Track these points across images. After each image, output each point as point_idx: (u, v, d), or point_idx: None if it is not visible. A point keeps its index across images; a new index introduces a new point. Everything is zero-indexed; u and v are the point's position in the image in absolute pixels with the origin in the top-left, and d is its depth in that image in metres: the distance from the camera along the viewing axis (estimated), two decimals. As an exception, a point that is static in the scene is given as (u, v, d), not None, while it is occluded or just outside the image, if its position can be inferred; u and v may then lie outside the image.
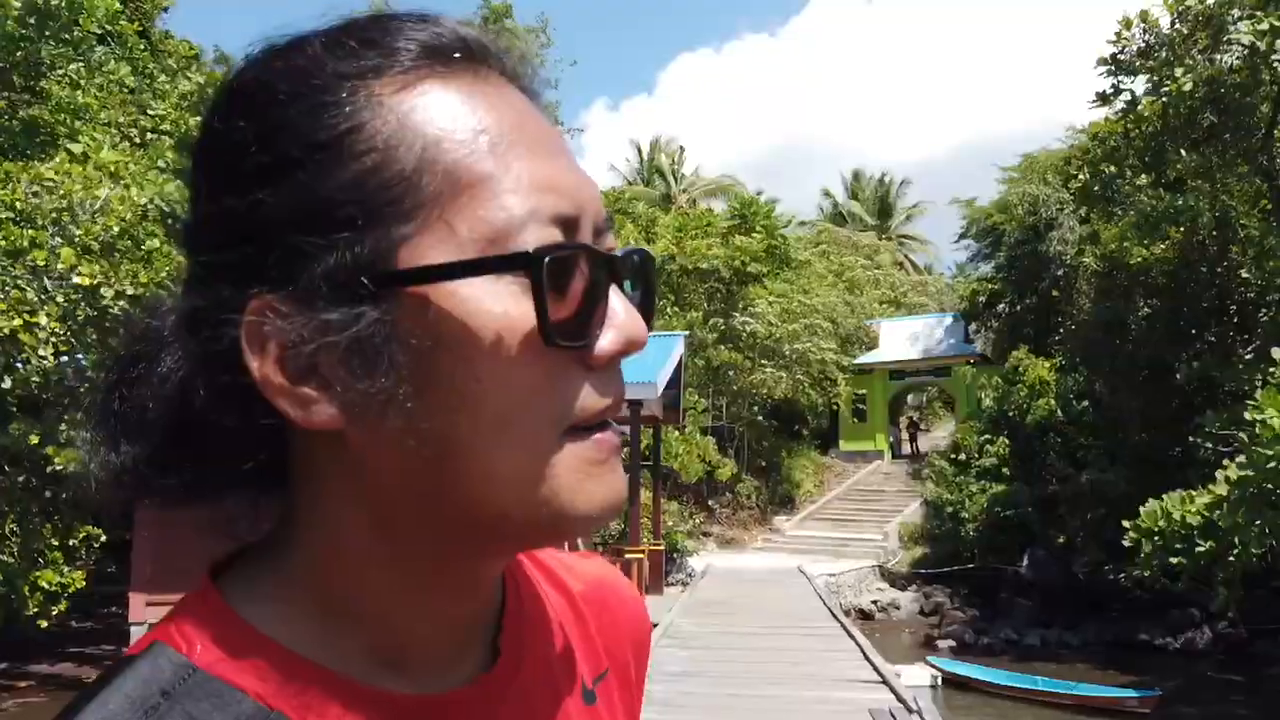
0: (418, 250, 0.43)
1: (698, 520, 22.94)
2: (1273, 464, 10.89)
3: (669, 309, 25.15)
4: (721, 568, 19.18)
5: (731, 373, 24.47)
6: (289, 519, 0.49)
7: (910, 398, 34.73)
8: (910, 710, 7.42)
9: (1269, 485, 11.02)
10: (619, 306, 0.46)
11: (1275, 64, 15.08)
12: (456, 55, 0.47)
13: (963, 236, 28.34)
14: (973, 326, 28.25)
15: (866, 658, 9.94)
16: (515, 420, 0.44)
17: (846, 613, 18.53)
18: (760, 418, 25.58)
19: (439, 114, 0.45)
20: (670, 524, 20.21)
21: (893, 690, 8.32)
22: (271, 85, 0.45)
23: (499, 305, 0.43)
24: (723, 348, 24.16)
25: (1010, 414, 20.69)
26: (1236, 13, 15.99)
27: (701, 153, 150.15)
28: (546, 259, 0.43)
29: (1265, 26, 15.23)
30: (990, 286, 26.48)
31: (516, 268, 0.43)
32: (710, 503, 23.84)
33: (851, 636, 11.20)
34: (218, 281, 0.45)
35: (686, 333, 17.58)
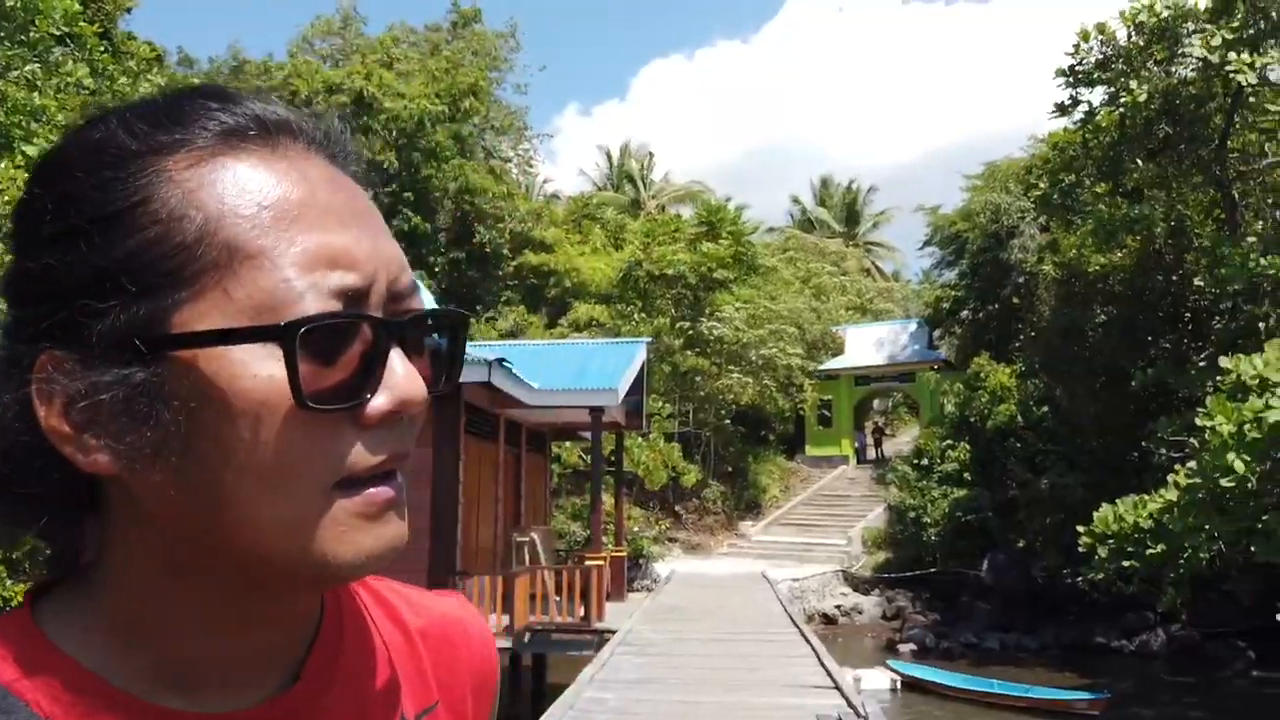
0: (190, 316, 0.46)
1: (664, 526, 22.99)
2: (1220, 469, 11.11)
3: (636, 315, 25.21)
4: (686, 573, 19.23)
5: (698, 378, 24.56)
6: (100, 549, 0.53)
7: (876, 403, 35.03)
8: (859, 715, 7.49)
9: (1217, 490, 11.23)
10: (398, 368, 0.50)
11: (1228, 76, 15.37)
12: (252, 132, 0.50)
13: (927, 243, 28.70)
14: (937, 333, 28.57)
15: (821, 663, 10.00)
16: (279, 475, 0.47)
17: (810, 617, 18.67)
18: (727, 423, 25.69)
19: (225, 189, 0.48)
20: (636, 530, 20.25)
21: (844, 695, 8.39)
22: (70, 159, 0.50)
23: (264, 370, 0.46)
24: (689, 354, 24.25)
25: (972, 419, 20.93)
26: (1190, 26, 16.30)
27: (672, 159, 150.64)
28: (302, 329, 0.46)
29: (1217, 40, 15.55)
30: (954, 293, 26.81)
31: (272, 338, 0.46)
32: (677, 508, 23.90)
33: (808, 642, 11.26)
34: (20, 334, 0.49)
35: (650, 339, 17.63)
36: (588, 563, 12.53)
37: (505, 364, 11.74)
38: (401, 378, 0.49)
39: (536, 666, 13.97)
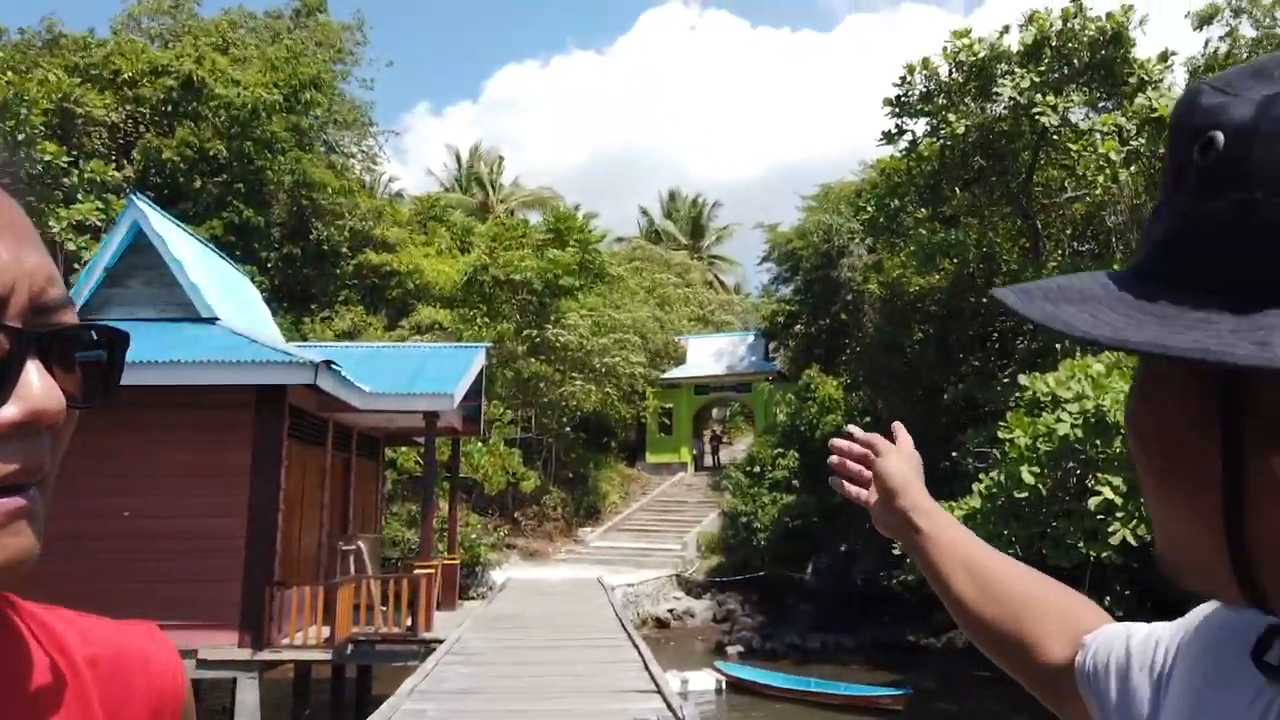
0: None
1: (502, 533, 22.79)
2: (1015, 479, 12.04)
3: (479, 319, 24.91)
4: (522, 580, 19.12)
5: (542, 385, 24.52)
6: None
7: (714, 412, 35.98)
8: (677, 718, 7.67)
9: (1014, 498, 12.16)
10: (34, 379, 0.49)
11: (1034, 116, 16.68)
12: None
13: (765, 259, 29.78)
14: (772, 345, 29.66)
15: (646, 668, 10.17)
16: None
17: (644, 622, 18.93)
18: (569, 430, 25.75)
19: None
20: (474, 537, 19.97)
21: (664, 699, 8.57)
22: None
23: None
24: (533, 360, 24.17)
25: (802, 429, 21.83)
26: (1003, 67, 17.63)
27: (522, 163, 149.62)
28: None
29: (1026, 83, 16.88)
30: (788, 308, 27.91)
31: None
32: (516, 515, 23.74)
33: (636, 647, 11.42)
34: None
35: (492, 344, 17.46)
36: (417, 571, 12.26)
37: (333, 366, 11.36)
38: (36, 389, 0.49)
39: (361, 678, 13.57)
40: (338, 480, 14.16)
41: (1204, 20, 23.57)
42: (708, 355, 30.24)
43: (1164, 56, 18.10)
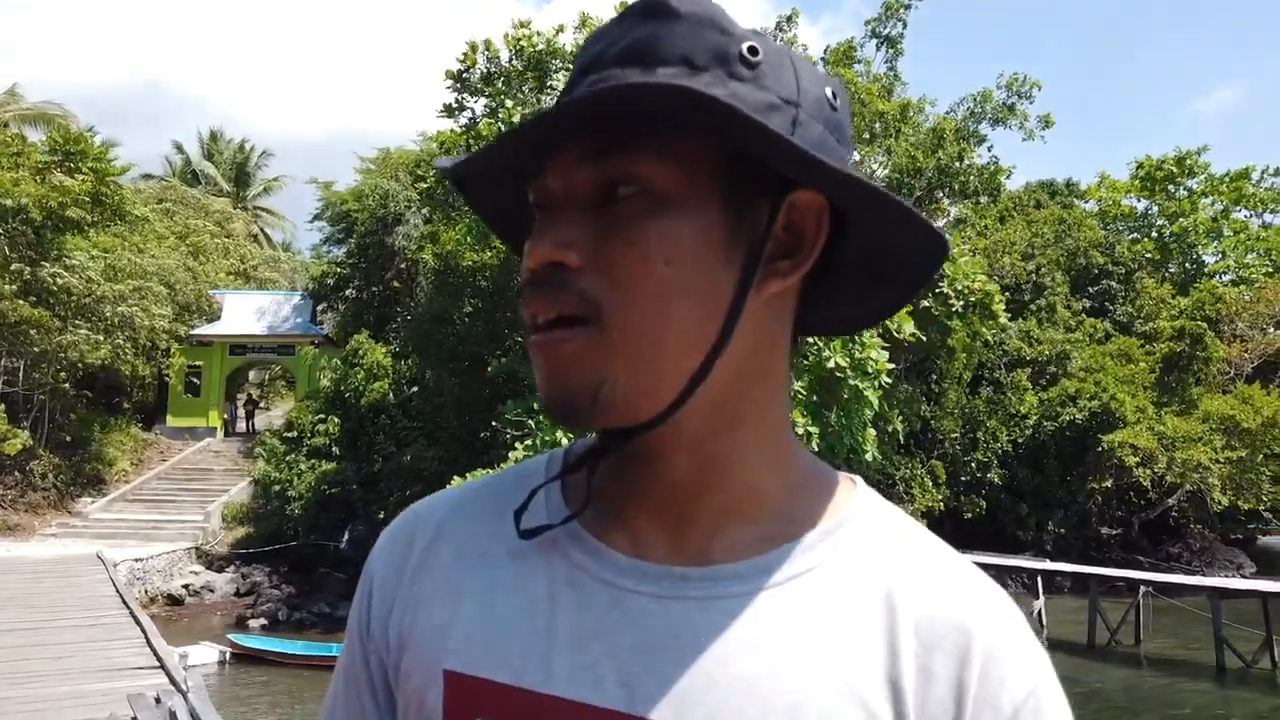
0: None
1: (-30, 505, 19.11)
2: (546, 446, 13.05)
3: (-51, 248, 20.54)
4: (-5, 559, 16.23)
5: (34, 332, 20.88)
6: None
7: (252, 374, 33.58)
8: (180, 691, 7.15)
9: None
10: None
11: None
12: None
13: (318, 218, 28.38)
14: (321, 307, 28.48)
15: (149, 644, 9.31)
16: None
17: (153, 599, 17.20)
18: (68, 386, 22.28)
19: None
20: (-74, 510, 16.44)
21: (168, 674, 7.95)
22: None
23: None
24: (22, 301, 20.51)
25: (347, 395, 21.32)
26: (558, 63, 18.82)
27: (23, 69, 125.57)
28: None
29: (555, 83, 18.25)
30: (340, 270, 26.99)
31: None
32: (-9, 483, 20.01)
33: (138, 623, 10.39)
34: None
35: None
36: None
37: None
38: None
39: None
40: None
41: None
42: (248, 313, 28.05)
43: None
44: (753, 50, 0.60)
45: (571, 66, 0.65)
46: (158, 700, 6.90)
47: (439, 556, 0.69)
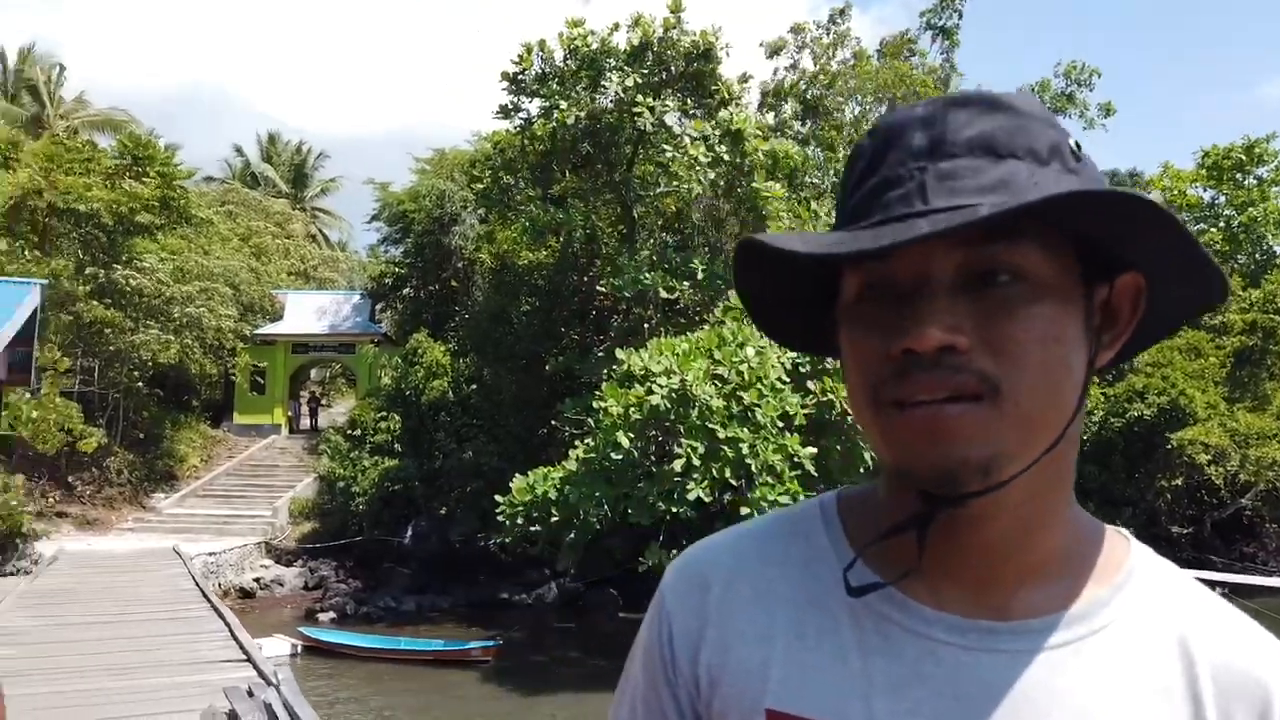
0: None
1: (52, 499, 19.78)
2: (611, 445, 13.06)
3: (27, 252, 21.27)
4: (78, 552, 16.82)
5: (108, 332, 21.57)
6: None
7: (314, 372, 34.26)
8: (270, 684, 7.39)
9: (606, 463, 13.21)
10: None
11: (635, 114, 18.05)
12: None
13: (375, 218, 28.84)
14: (379, 306, 28.97)
15: (234, 637, 9.62)
16: None
17: (226, 593, 17.67)
18: (141, 385, 22.97)
19: None
20: (13, 503, 17.05)
21: (255, 667, 8.21)
22: None
23: None
24: (97, 303, 21.19)
25: (407, 393, 21.67)
26: (611, 62, 18.85)
27: (91, 76, 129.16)
28: None
29: (630, 82, 18.25)
30: (397, 270, 27.42)
31: None
32: (70, 479, 20.71)
33: (221, 616, 10.73)
34: None
35: (44, 282, 15.03)
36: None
37: None
38: None
39: None
40: None
41: (774, 51, 27.23)
42: (309, 312, 28.64)
43: (743, 78, 20.62)
44: (1078, 145, 0.67)
45: (625, 67, 0.68)
46: (250, 693, 7.14)
47: (738, 599, 0.74)
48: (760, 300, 0.76)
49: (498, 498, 13.83)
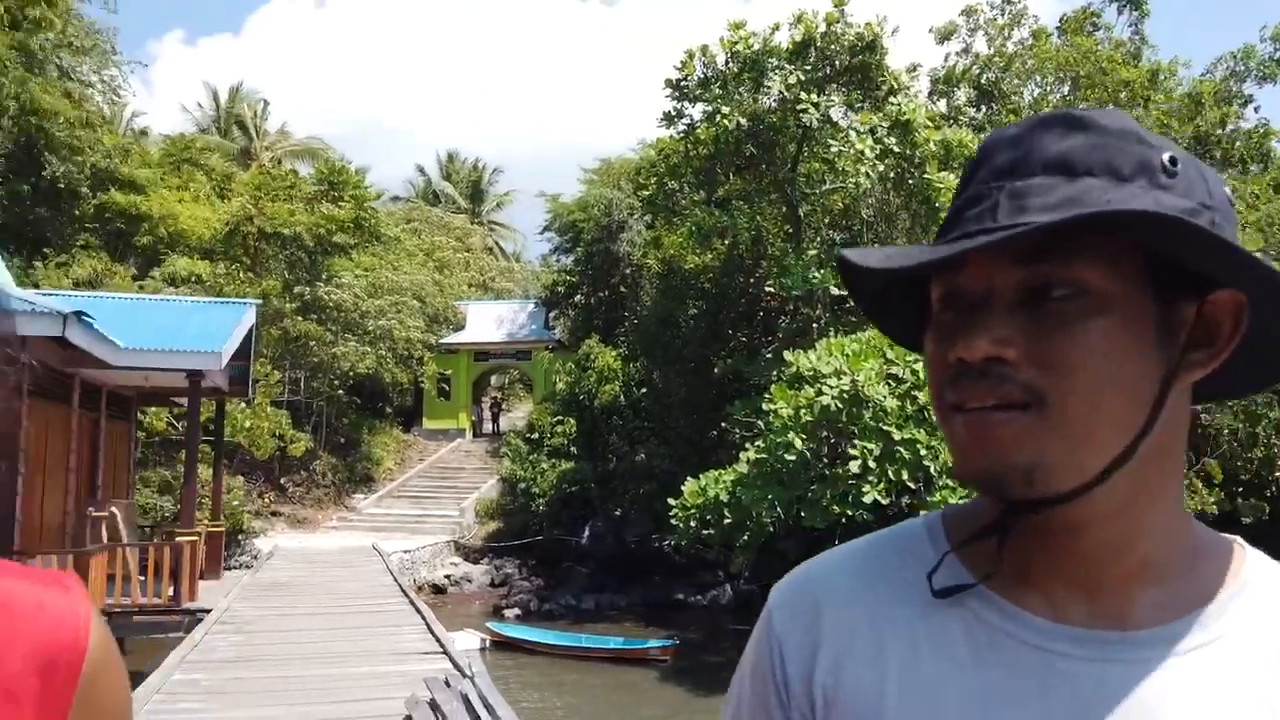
0: None
1: (268, 499, 21.70)
2: (783, 447, 13.00)
3: (241, 274, 23.40)
4: (290, 548, 18.38)
5: (312, 345, 23.45)
6: None
7: (494, 378, 35.90)
8: (465, 675, 7.83)
9: (777, 465, 13.16)
10: None
11: (799, 112, 17.85)
12: None
13: (546, 229, 29.93)
14: (552, 314, 30.01)
15: (430, 630, 10.23)
16: None
17: (420, 588, 18.79)
18: (341, 393, 24.84)
19: None
20: (235, 504, 18.89)
21: (450, 659, 8.71)
22: None
23: None
24: (301, 319, 23.06)
25: (581, 397, 22.36)
26: (775, 62, 18.73)
27: (290, 109, 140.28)
28: None
29: (793, 80, 18.07)
30: (569, 278, 28.32)
31: None
32: (283, 481, 22.66)
33: (418, 610, 11.43)
34: None
35: (258, 301, 16.51)
36: (179, 539, 11.54)
37: (85, 318, 10.38)
38: None
39: (111, 655, 12.61)
40: (86, 442, 12.96)
41: (944, 36, 26.20)
42: (488, 321, 30.10)
43: (912, 68, 20.02)
44: (1173, 160, 0.66)
45: (787, 65, 0.70)
46: (447, 683, 7.60)
47: (849, 619, 0.74)
48: (870, 303, 0.80)
49: (670, 500, 14.02)
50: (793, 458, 12.65)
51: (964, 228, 0.67)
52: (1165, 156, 0.66)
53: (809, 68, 18.37)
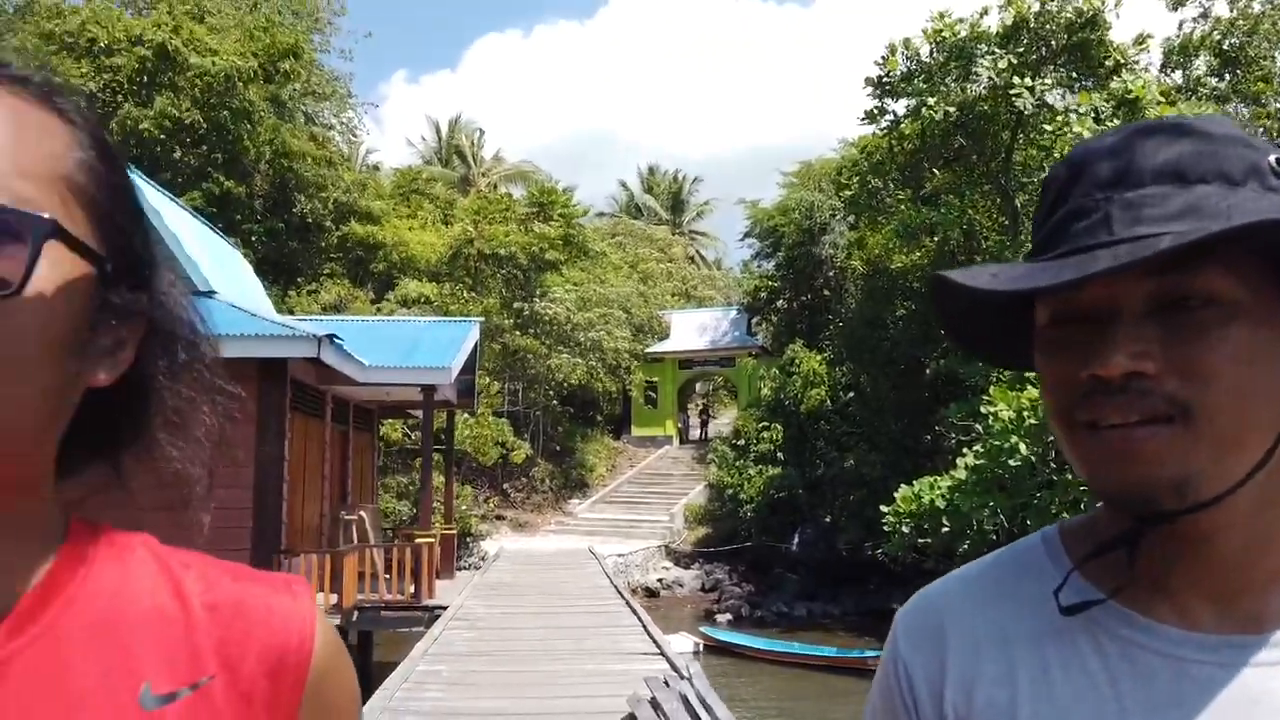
0: None
1: (492, 504, 23.06)
2: (1005, 451, 12.38)
3: (464, 293, 25.02)
4: (514, 550, 19.44)
5: (529, 358, 24.75)
6: None
7: (699, 386, 36.36)
8: (682, 677, 8.02)
9: (998, 471, 12.53)
10: None
11: (1013, 97, 16.94)
12: None
13: (747, 235, 30.00)
14: (755, 320, 30.01)
15: (647, 631, 10.52)
16: None
17: (634, 591, 19.32)
18: (555, 403, 26.03)
19: None
20: (464, 508, 20.25)
21: (668, 660, 8.92)
22: None
23: None
24: (519, 333, 24.37)
25: (786, 403, 22.22)
26: (983, 48, 17.87)
27: (502, 136, 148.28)
28: None
29: (1004, 64, 17.16)
30: (770, 283, 28.22)
31: None
32: (505, 486, 24.03)
33: (634, 612, 11.78)
34: None
35: (481, 319, 17.65)
36: (418, 540, 12.53)
37: (335, 340, 11.52)
38: None
39: (362, 644, 13.83)
40: (337, 452, 14.36)
41: (1178, 3, 23.95)
42: (691, 330, 30.57)
43: (1140, 40, 18.45)
44: (1279, 161, 0.65)
45: (997, 49, 0.69)
46: (666, 684, 7.81)
47: (975, 640, 0.74)
48: (956, 320, 0.78)
49: (882, 507, 13.67)
50: (1016, 463, 12.01)
51: (1074, 242, 0.66)
52: (1272, 159, 0.66)
53: (1021, 50, 17.41)
